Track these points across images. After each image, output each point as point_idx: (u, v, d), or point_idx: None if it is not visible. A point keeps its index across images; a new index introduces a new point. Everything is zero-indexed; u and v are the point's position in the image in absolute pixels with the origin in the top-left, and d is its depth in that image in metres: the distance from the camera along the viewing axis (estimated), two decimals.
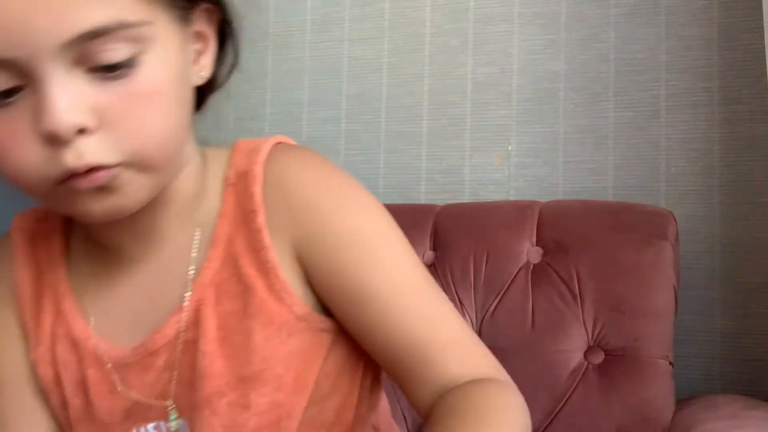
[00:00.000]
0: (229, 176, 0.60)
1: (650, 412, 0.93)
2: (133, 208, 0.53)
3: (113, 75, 0.48)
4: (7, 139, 0.48)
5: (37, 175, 0.49)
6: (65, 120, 0.46)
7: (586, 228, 1.05)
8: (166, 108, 0.52)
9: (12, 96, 0.47)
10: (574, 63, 1.25)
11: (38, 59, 0.46)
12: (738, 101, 1.16)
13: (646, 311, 0.97)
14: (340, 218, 0.57)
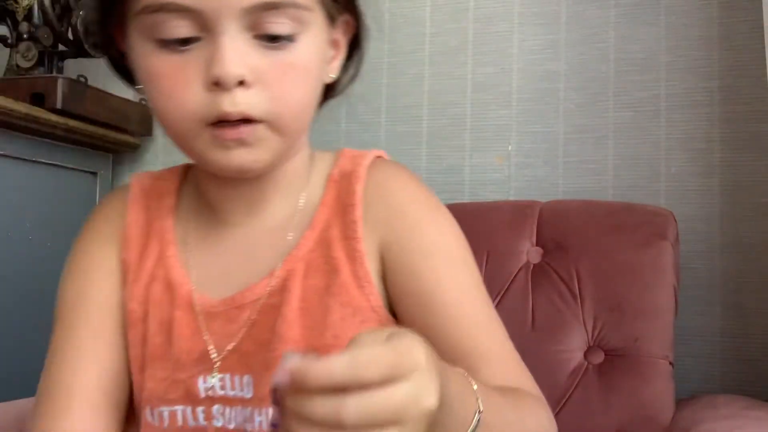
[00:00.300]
0: (334, 174, 0.68)
1: (650, 412, 0.93)
2: (260, 166, 0.60)
3: (274, 45, 0.57)
4: (176, 81, 0.56)
5: (194, 116, 0.57)
6: (232, 70, 0.54)
7: (586, 228, 1.05)
8: (308, 84, 0.61)
9: (188, 44, 0.56)
10: (574, 63, 1.25)
11: (222, 16, 0.54)
12: (738, 101, 1.16)
13: (646, 311, 0.97)
14: (427, 229, 0.65)
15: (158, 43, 0.56)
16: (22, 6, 1.30)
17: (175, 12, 0.55)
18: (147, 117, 1.44)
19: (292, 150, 0.65)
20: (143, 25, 0.57)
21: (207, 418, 0.63)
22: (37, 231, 1.27)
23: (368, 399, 0.38)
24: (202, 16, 0.54)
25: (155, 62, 0.57)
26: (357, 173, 0.66)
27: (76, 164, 1.35)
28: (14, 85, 1.22)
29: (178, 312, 0.64)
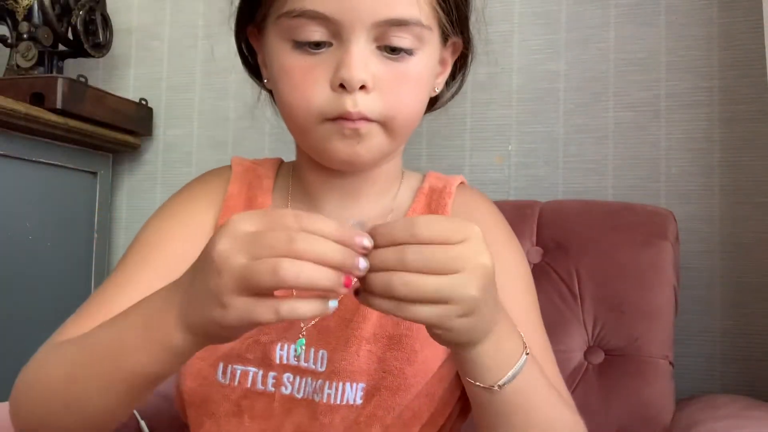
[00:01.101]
0: (424, 188, 0.76)
1: (650, 412, 0.93)
2: (367, 159, 0.66)
3: (394, 56, 0.64)
4: (305, 78, 0.63)
5: (317, 110, 0.64)
6: (357, 74, 0.61)
7: (586, 228, 1.05)
8: (419, 94, 0.68)
9: (320, 48, 0.63)
10: (574, 63, 1.25)
11: (354, 26, 0.61)
12: (738, 101, 1.16)
13: (646, 311, 0.97)
14: (504, 249, 0.71)
15: (294, 43, 0.64)
16: (22, 6, 1.30)
17: (314, 19, 0.62)
18: (147, 117, 1.44)
19: (395, 151, 0.72)
20: (282, 27, 0.64)
21: (276, 384, 0.67)
22: (37, 231, 1.27)
23: (426, 251, 0.46)
24: (336, 24, 0.62)
25: (289, 60, 0.64)
26: (448, 190, 0.75)
27: (76, 164, 1.35)
28: (14, 85, 1.22)
29: None
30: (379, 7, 0.62)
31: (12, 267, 1.22)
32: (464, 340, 0.51)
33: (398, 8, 0.62)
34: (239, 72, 1.53)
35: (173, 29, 1.48)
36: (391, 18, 0.62)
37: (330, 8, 0.61)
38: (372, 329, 0.66)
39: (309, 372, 0.67)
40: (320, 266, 0.44)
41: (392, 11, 0.62)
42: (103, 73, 1.50)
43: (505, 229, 0.75)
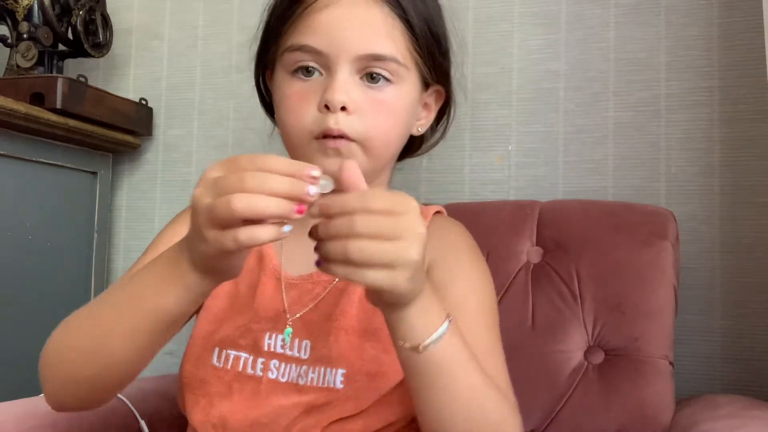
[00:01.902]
0: None
1: (650, 412, 0.93)
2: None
3: (373, 85, 0.75)
4: (298, 101, 0.75)
5: (306, 129, 0.74)
6: (339, 96, 0.72)
7: (586, 228, 1.05)
8: (395, 121, 0.77)
9: (311, 75, 0.75)
10: (574, 63, 1.24)
11: (340, 58, 0.73)
12: (738, 101, 1.16)
13: (646, 311, 0.97)
14: (472, 266, 0.79)
15: (292, 73, 0.76)
16: (22, 6, 1.30)
17: (309, 52, 0.74)
18: (147, 117, 1.44)
19: (375, 177, 0.80)
20: (284, 61, 0.77)
21: (264, 369, 0.76)
22: (37, 231, 1.27)
23: (374, 219, 0.52)
24: (325, 57, 0.74)
25: (287, 87, 0.77)
26: (424, 213, 0.82)
27: (76, 164, 1.35)
28: (14, 85, 1.22)
29: (264, 278, 0.80)
30: (362, 44, 0.73)
31: (12, 267, 1.22)
32: (402, 301, 0.57)
33: (377, 46, 0.74)
34: (239, 72, 1.53)
35: (173, 29, 1.48)
36: (371, 53, 0.74)
37: (320, 43, 0.74)
38: (351, 322, 0.75)
39: (294, 359, 0.75)
40: (270, 197, 0.51)
41: (372, 47, 0.74)
42: (103, 73, 1.50)
43: (472, 251, 0.82)
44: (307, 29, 0.75)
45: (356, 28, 0.74)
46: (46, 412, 0.81)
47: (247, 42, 1.46)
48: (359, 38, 0.74)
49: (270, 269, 0.80)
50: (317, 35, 0.74)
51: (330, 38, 0.74)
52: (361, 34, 0.74)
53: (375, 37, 0.74)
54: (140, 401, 0.94)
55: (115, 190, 1.48)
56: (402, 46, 0.76)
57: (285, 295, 0.79)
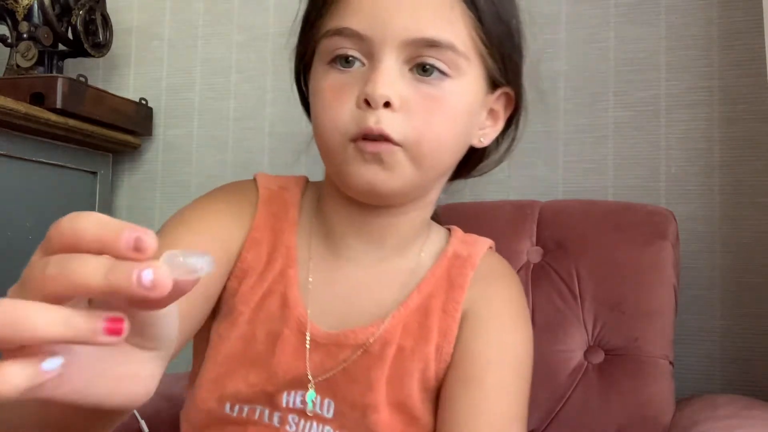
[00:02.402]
0: (447, 251, 0.73)
1: (650, 411, 0.93)
2: (389, 188, 0.63)
3: (425, 78, 0.62)
4: (335, 96, 0.63)
5: (342, 128, 0.62)
6: (381, 91, 0.60)
7: (586, 228, 1.05)
8: (450, 123, 0.64)
9: (352, 65, 0.63)
10: (574, 63, 1.24)
11: (385, 44, 0.61)
12: (738, 101, 1.16)
13: (646, 311, 0.97)
14: (513, 325, 0.70)
15: (329, 63, 0.64)
16: (22, 5, 1.30)
17: (349, 37, 0.62)
18: (147, 117, 1.44)
19: (422, 195, 0.69)
20: (321, 50, 0.65)
21: (281, 422, 0.67)
22: (37, 231, 1.27)
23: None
24: (368, 43, 0.61)
25: (323, 80, 0.64)
26: (472, 260, 0.72)
27: (76, 164, 1.35)
28: (14, 85, 1.22)
29: (287, 330, 0.68)
30: (410, 26, 0.61)
31: (12, 267, 1.22)
32: None
33: (430, 29, 0.61)
34: (239, 72, 1.53)
35: (173, 29, 1.48)
36: (423, 37, 0.61)
37: (362, 25, 0.61)
38: (380, 395, 0.66)
39: (316, 417, 0.67)
40: (47, 311, 0.33)
41: (424, 31, 0.61)
42: (103, 73, 1.50)
43: (517, 307, 0.73)
44: (347, 10, 0.62)
45: (405, 8, 0.61)
46: None
47: (247, 42, 1.47)
48: (408, 20, 0.61)
49: (294, 320, 0.68)
50: (358, 16, 0.62)
51: (373, 20, 0.61)
52: (411, 14, 0.61)
53: (428, 19, 0.61)
54: None
55: (115, 190, 1.48)
56: (462, 31, 0.63)
57: (309, 356, 0.68)
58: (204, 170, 1.43)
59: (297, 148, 1.38)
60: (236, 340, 0.68)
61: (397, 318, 0.68)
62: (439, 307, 0.69)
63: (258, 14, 1.42)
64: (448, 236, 0.76)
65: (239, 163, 1.41)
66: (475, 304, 0.69)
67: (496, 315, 0.70)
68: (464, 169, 0.75)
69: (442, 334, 0.68)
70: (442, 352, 0.68)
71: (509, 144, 0.77)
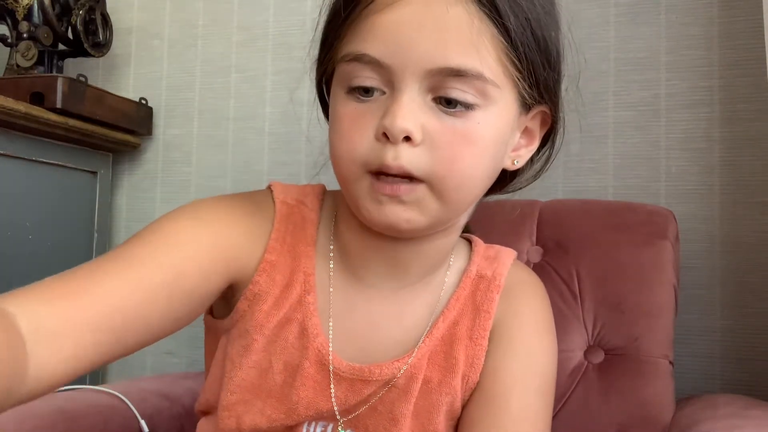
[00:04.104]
0: (470, 271, 0.70)
1: (650, 411, 0.93)
2: (413, 227, 0.60)
3: (451, 111, 0.57)
4: (353, 126, 0.59)
5: (358, 160, 0.58)
6: (400, 123, 0.56)
7: (586, 228, 1.04)
8: (479, 155, 0.59)
9: (371, 95, 0.58)
10: (574, 63, 1.24)
11: (406, 73, 0.56)
12: (738, 101, 1.16)
13: (646, 311, 0.97)
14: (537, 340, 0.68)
15: (348, 90, 0.59)
16: (22, 5, 1.30)
17: (368, 64, 0.57)
18: (147, 117, 1.44)
19: (450, 225, 0.65)
20: (340, 73, 0.61)
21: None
22: (37, 231, 1.27)
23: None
24: (389, 71, 0.57)
25: (341, 107, 0.60)
26: (497, 281, 0.69)
27: (76, 164, 1.35)
28: (14, 85, 1.22)
29: (307, 362, 0.65)
30: (434, 54, 0.56)
31: (12, 267, 1.22)
32: None
33: (455, 57, 0.56)
34: (239, 72, 1.53)
35: (173, 29, 1.48)
36: (447, 67, 0.56)
37: (382, 52, 0.57)
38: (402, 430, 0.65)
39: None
40: None
41: (448, 59, 0.56)
42: (103, 73, 1.50)
43: (543, 319, 0.70)
44: (367, 35, 0.58)
45: (429, 34, 0.56)
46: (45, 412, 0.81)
47: (247, 42, 1.47)
48: (432, 47, 0.56)
49: (314, 351, 0.65)
50: (377, 42, 0.57)
51: (394, 46, 0.56)
52: (434, 41, 0.56)
53: (453, 46, 0.56)
54: (140, 401, 0.94)
55: (115, 189, 1.48)
56: (492, 56, 0.57)
57: (334, 389, 0.65)
58: (204, 170, 1.43)
59: (296, 148, 1.38)
60: (250, 369, 0.65)
61: (422, 350, 0.66)
62: (465, 335, 0.66)
63: (258, 14, 1.42)
64: (469, 251, 0.73)
65: (239, 163, 1.41)
66: (503, 319, 0.67)
67: (524, 328, 0.67)
68: (495, 188, 0.71)
69: (468, 364, 0.66)
70: (469, 380, 0.66)
71: (544, 163, 0.72)
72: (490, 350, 0.66)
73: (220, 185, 1.42)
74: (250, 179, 1.40)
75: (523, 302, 0.69)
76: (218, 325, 0.69)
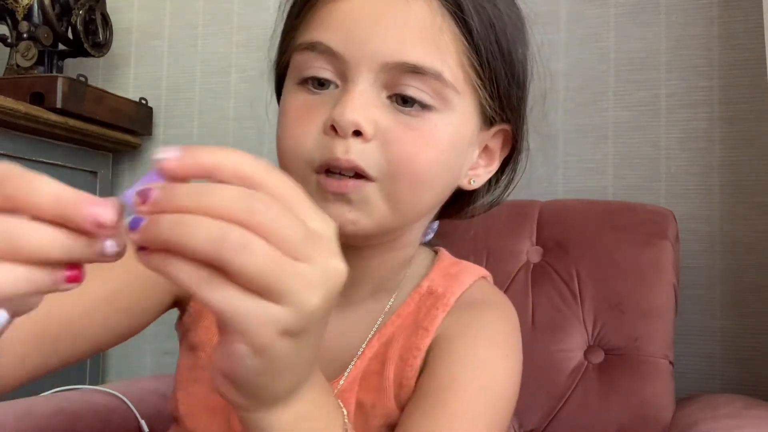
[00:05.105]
0: (422, 287, 0.64)
1: (650, 411, 0.93)
2: (357, 230, 0.54)
3: (405, 109, 0.54)
4: (301, 119, 0.55)
5: (303, 156, 0.54)
6: (350, 116, 0.52)
7: (586, 228, 1.05)
8: (432, 161, 0.55)
9: (323, 87, 0.55)
10: (574, 63, 1.24)
11: (361, 64, 0.53)
12: (738, 100, 1.16)
13: (646, 311, 0.97)
14: (490, 360, 0.59)
15: (300, 81, 0.56)
16: (22, 5, 1.30)
17: (322, 53, 0.54)
18: (147, 117, 1.44)
19: (399, 236, 0.59)
20: (294, 63, 0.57)
21: None
22: None
23: (283, 212, 0.34)
24: (342, 61, 0.54)
25: (291, 100, 0.57)
26: (445, 300, 0.61)
27: (76, 164, 1.35)
28: (14, 85, 1.22)
29: None
30: (391, 48, 0.53)
31: None
32: (263, 385, 0.37)
33: (414, 52, 0.53)
34: (239, 72, 1.53)
35: (173, 29, 1.48)
36: (404, 62, 0.52)
37: (336, 41, 0.53)
38: None
39: None
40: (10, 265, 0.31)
41: (406, 54, 0.53)
42: (103, 73, 1.50)
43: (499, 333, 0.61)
44: (322, 23, 0.55)
45: (387, 26, 0.53)
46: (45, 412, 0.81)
47: (247, 42, 1.47)
48: (389, 40, 0.53)
49: None
50: (332, 31, 0.54)
51: (349, 36, 0.53)
52: (392, 34, 0.53)
53: (412, 41, 0.53)
54: (140, 401, 0.94)
55: (115, 189, 1.48)
56: (452, 57, 0.54)
57: None
58: None
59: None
60: (198, 385, 0.63)
61: (354, 372, 0.60)
62: (396, 355, 0.60)
63: (258, 14, 1.42)
64: (430, 266, 0.66)
65: None
66: (447, 332, 0.59)
67: (470, 337, 0.59)
68: (449, 211, 0.66)
69: (398, 384, 0.59)
70: (401, 400, 0.59)
71: (503, 189, 0.67)
72: (428, 360, 0.59)
73: None
74: None
75: (476, 317, 0.61)
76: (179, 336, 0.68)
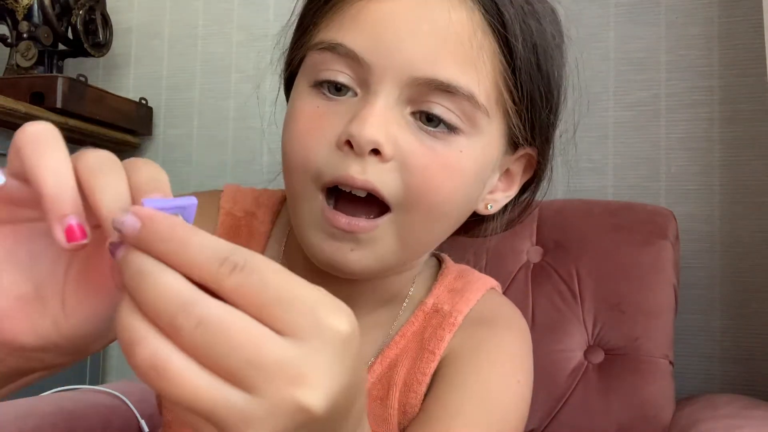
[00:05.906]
0: (426, 303, 0.59)
1: (650, 411, 0.93)
2: (359, 269, 0.50)
3: (430, 129, 0.48)
4: (313, 126, 0.49)
5: (313, 170, 0.49)
6: (369, 133, 0.46)
7: (586, 228, 1.05)
8: (454, 192, 0.50)
9: (341, 94, 0.49)
10: (574, 63, 1.24)
11: (386, 75, 0.47)
12: (738, 100, 1.16)
13: (646, 310, 0.97)
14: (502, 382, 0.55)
15: (314, 84, 0.50)
16: (22, 5, 1.30)
17: (342, 56, 0.49)
18: (147, 117, 1.44)
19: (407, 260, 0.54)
20: (309, 62, 0.52)
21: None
22: None
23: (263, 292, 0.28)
24: (366, 69, 0.48)
25: (303, 103, 0.51)
26: (452, 319, 0.57)
27: None
28: (14, 85, 1.22)
29: None
30: (422, 60, 0.47)
31: None
32: None
33: (448, 69, 0.47)
34: (239, 72, 1.53)
35: (173, 29, 1.48)
36: (436, 78, 0.47)
37: (361, 46, 0.48)
38: None
39: None
40: None
41: (438, 70, 0.47)
42: (103, 73, 1.50)
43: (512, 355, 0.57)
44: (349, 23, 0.49)
45: (422, 36, 0.47)
46: (46, 412, 0.81)
47: (247, 42, 1.47)
48: (423, 50, 0.47)
49: None
50: (359, 33, 0.48)
51: (377, 41, 0.48)
52: (427, 44, 0.47)
53: (447, 55, 0.47)
54: (140, 401, 0.94)
55: None
56: (489, 78, 0.49)
57: None
58: (203, 170, 1.43)
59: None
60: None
61: None
62: (401, 381, 0.56)
63: (258, 14, 1.42)
64: (433, 282, 0.62)
65: (239, 163, 1.41)
66: (455, 353, 0.55)
67: (480, 360, 0.55)
68: (459, 231, 0.61)
69: (402, 412, 0.56)
70: (404, 425, 0.56)
71: (518, 215, 0.62)
72: (435, 380, 0.55)
73: (219, 185, 1.42)
74: (249, 179, 1.40)
75: (486, 339, 0.57)
76: None
